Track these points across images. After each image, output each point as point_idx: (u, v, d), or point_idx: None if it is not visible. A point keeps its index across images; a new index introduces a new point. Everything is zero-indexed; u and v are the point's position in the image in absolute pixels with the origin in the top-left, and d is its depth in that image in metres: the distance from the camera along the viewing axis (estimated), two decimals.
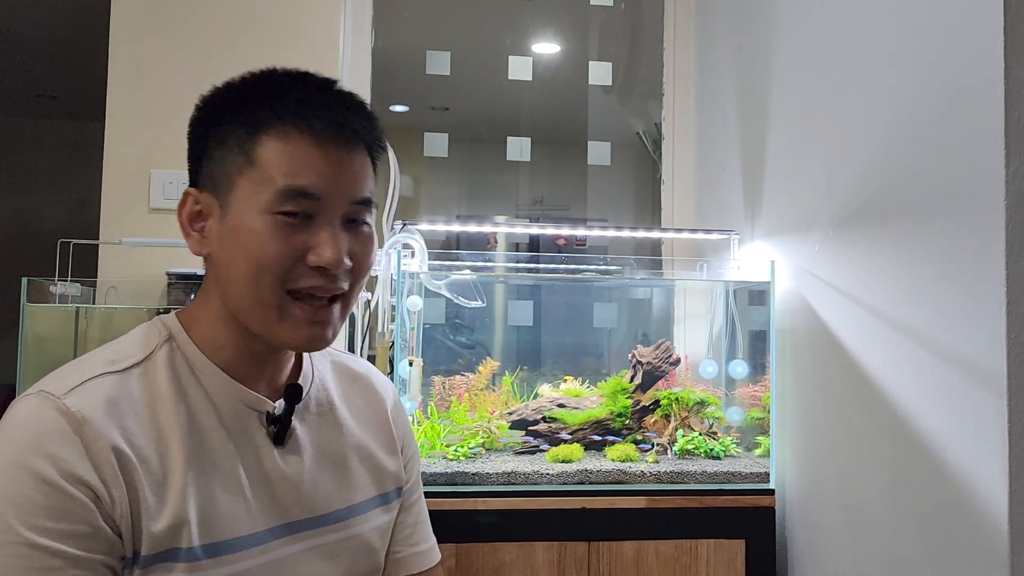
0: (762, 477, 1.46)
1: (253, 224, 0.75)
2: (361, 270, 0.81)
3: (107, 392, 0.73)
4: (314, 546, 0.83)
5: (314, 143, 0.76)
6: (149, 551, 0.70)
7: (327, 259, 0.76)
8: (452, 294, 1.65)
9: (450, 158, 2.15)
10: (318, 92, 0.80)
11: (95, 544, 0.67)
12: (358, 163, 0.80)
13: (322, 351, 0.95)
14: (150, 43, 1.79)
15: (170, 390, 0.77)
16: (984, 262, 0.94)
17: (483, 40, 2.29)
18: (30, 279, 1.49)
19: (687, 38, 2.14)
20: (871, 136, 1.21)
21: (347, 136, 0.78)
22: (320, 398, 0.91)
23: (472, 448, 1.49)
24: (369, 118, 0.82)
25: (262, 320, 0.77)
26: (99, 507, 0.68)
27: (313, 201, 0.76)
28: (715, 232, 1.76)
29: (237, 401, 0.81)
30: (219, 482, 0.77)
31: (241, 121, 0.78)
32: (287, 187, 0.75)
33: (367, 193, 0.81)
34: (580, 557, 1.38)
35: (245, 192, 0.76)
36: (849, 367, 1.26)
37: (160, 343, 0.79)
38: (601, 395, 1.60)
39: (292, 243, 0.76)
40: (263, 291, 0.76)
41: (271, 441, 0.82)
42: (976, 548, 0.96)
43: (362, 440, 0.92)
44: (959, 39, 0.99)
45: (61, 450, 0.68)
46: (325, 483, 0.86)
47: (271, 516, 0.80)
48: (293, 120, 0.76)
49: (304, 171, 0.76)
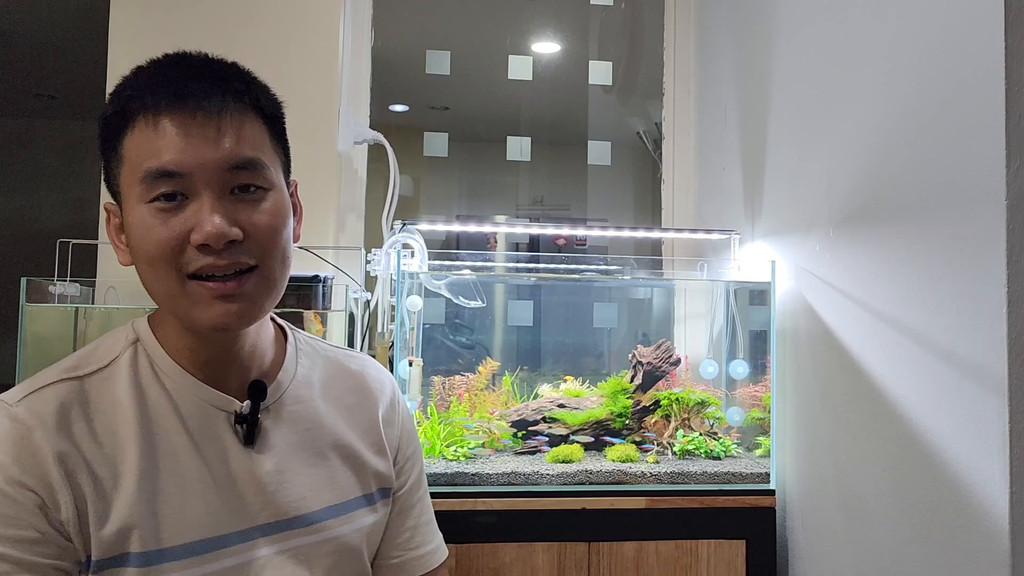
0: (762, 477, 1.46)
1: (137, 219, 0.74)
2: (263, 237, 0.76)
3: (60, 399, 0.73)
4: (287, 548, 0.81)
5: (165, 122, 0.73)
6: (100, 555, 0.71)
7: (206, 234, 0.72)
8: (452, 294, 1.65)
9: (450, 158, 2.15)
10: (168, 74, 0.76)
11: (43, 548, 0.68)
12: (222, 129, 0.74)
13: (314, 346, 0.94)
14: (150, 43, 1.78)
15: (129, 393, 0.76)
16: (985, 262, 0.94)
17: (483, 40, 2.29)
18: (29, 279, 1.49)
19: (687, 38, 2.14)
20: (871, 136, 1.21)
21: (191, 104, 0.73)
22: (300, 395, 0.87)
23: (473, 449, 1.49)
24: (230, 79, 0.77)
25: (177, 308, 0.76)
26: (45, 512, 0.69)
27: (179, 179, 0.73)
28: (715, 232, 1.76)
29: (201, 401, 0.79)
30: (177, 484, 0.75)
31: (109, 125, 0.76)
32: (148, 171, 0.73)
33: (244, 156, 0.75)
34: (580, 557, 1.38)
35: (126, 191, 0.75)
36: (850, 367, 1.26)
37: (126, 346, 0.80)
38: (601, 395, 1.60)
39: (171, 227, 0.73)
40: (164, 281, 0.74)
41: (241, 441, 0.80)
42: (977, 548, 0.96)
43: (346, 439, 0.89)
44: (959, 38, 0.99)
45: (7, 456, 0.69)
46: (300, 484, 0.83)
47: (239, 518, 0.78)
48: (138, 106, 0.74)
49: (160, 151, 0.73)
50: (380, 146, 1.89)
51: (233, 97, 0.76)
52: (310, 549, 0.83)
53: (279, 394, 0.86)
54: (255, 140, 0.77)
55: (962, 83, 0.99)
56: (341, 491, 0.87)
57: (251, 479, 0.80)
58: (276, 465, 0.82)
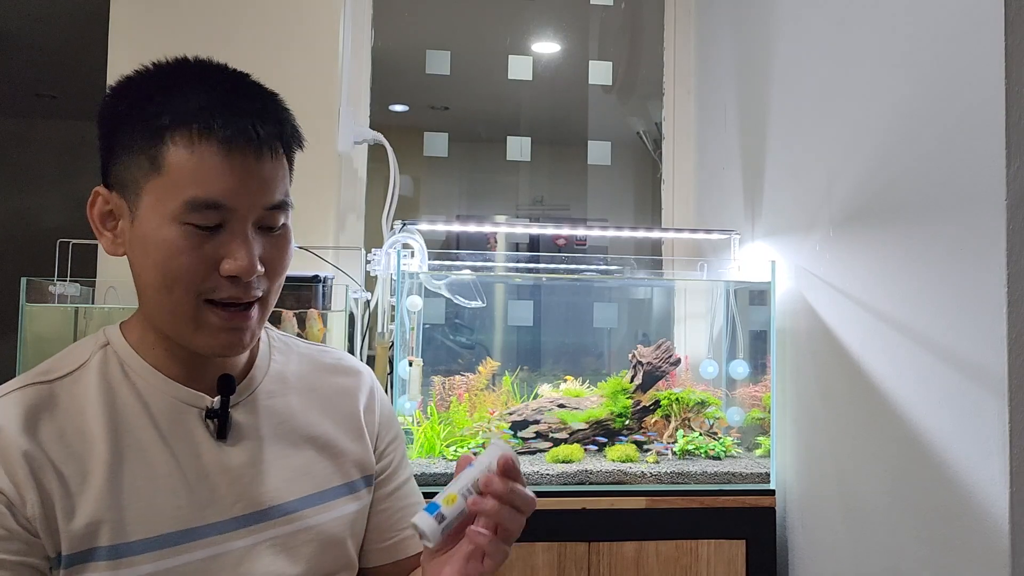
0: (762, 477, 1.46)
1: (162, 234, 0.74)
2: (276, 273, 0.80)
3: (28, 402, 0.75)
4: (264, 539, 0.82)
5: (220, 152, 0.73)
6: (69, 550, 0.72)
7: (239, 268, 0.74)
8: (452, 294, 1.65)
9: (450, 158, 2.15)
10: (223, 95, 0.77)
11: (10, 545, 0.70)
12: (269, 168, 0.77)
13: (288, 343, 0.95)
14: (150, 43, 1.79)
15: (97, 393, 0.78)
16: (985, 262, 0.94)
17: (483, 40, 2.29)
18: (29, 279, 1.49)
19: (687, 38, 2.14)
20: (871, 136, 1.21)
21: (256, 143, 0.75)
22: (273, 390, 0.89)
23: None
24: (280, 116, 0.79)
25: (177, 329, 0.77)
26: (12, 510, 0.70)
27: (222, 211, 0.74)
28: (715, 232, 1.76)
29: (171, 399, 0.80)
30: (146, 478, 0.77)
31: (145, 125, 0.75)
32: (194, 198, 0.73)
33: (280, 197, 0.78)
34: (580, 557, 1.38)
35: (152, 199, 0.74)
36: (850, 367, 1.26)
37: (96, 350, 0.81)
38: (601, 395, 1.60)
39: (203, 253, 0.74)
40: (177, 302, 0.75)
41: (213, 436, 0.82)
42: (977, 548, 0.96)
43: (321, 429, 0.90)
44: (959, 39, 0.99)
45: None
46: (275, 475, 0.84)
47: (212, 511, 0.79)
48: (198, 127, 0.73)
49: (211, 181, 0.73)
50: (380, 146, 1.89)
51: (282, 142, 0.79)
52: (288, 539, 0.84)
53: (252, 388, 0.87)
54: (286, 181, 0.81)
55: (962, 83, 0.99)
56: (318, 481, 0.88)
57: (224, 472, 0.81)
58: (250, 458, 0.83)
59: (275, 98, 0.81)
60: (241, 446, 0.83)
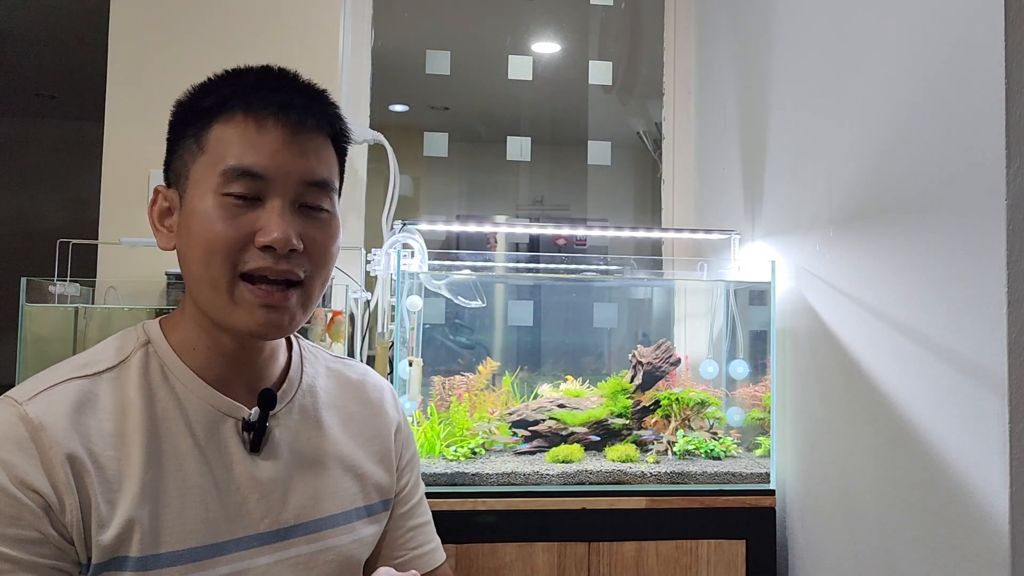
0: (762, 477, 1.46)
1: (203, 207, 0.76)
2: (319, 256, 0.80)
3: (71, 398, 0.73)
4: (286, 558, 0.81)
5: (259, 123, 0.76)
6: (99, 559, 0.71)
7: (274, 238, 0.75)
8: (452, 294, 1.65)
9: (450, 158, 2.15)
10: (269, 78, 0.80)
11: (44, 550, 0.68)
12: (310, 145, 0.78)
13: (316, 355, 0.94)
14: (149, 43, 1.79)
15: (138, 395, 0.76)
16: (985, 262, 0.94)
17: (483, 40, 2.29)
18: (29, 279, 1.49)
19: (687, 38, 2.14)
20: (871, 135, 1.21)
21: (294, 117, 0.77)
22: (306, 404, 0.88)
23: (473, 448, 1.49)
24: (324, 105, 0.82)
25: (217, 305, 0.77)
26: (49, 514, 0.68)
27: (259, 181, 0.76)
28: (715, 232, 1.76)
29: (209, 406, 0.79)
30: (179, 489, 0.76)
31: (196, 113, 0.79)
32: (231, 167, 0.75)
33: (322, 176, 0.79)
34: (580, 557, 1.38)
35: (197, 177, 0.77)
36: (850, 367, 1.26)
37: (136, 348, 0.80)
38: (601, 395, 1.60)
39: (240, 224, 0.75)
40: (214, 274, 0.75)
41: (247, 448, 0.81)
42: (976, 548, 0.96)
43: (348, 449, 0.90)
44: (959, 38, 0.99)
45: (14, 456, 0.68)
46: (302, 492, 0.83)
47: (239, 525, 0.78)
48: (240, 104, 0.77)
49: (249, 151, 0.76)
50: (380, 146, 1.89)
51: (326, 122, 0.81)
52: (310, 559, 0.83)
53: (285, 401, 0.86)
54: (330, 165, 0.82)
55: (962, 83, 0.99)
56: (342, 501, 0.87)
57: (254, 486, 0.80)
58: (280, 473, 0.82)
59: (323, 91, 0.84)
60: (272, 461, 0.82)
